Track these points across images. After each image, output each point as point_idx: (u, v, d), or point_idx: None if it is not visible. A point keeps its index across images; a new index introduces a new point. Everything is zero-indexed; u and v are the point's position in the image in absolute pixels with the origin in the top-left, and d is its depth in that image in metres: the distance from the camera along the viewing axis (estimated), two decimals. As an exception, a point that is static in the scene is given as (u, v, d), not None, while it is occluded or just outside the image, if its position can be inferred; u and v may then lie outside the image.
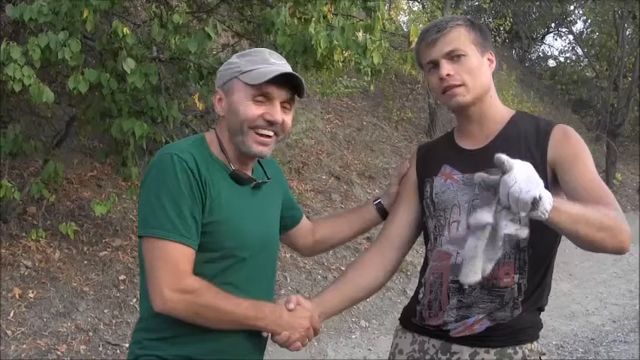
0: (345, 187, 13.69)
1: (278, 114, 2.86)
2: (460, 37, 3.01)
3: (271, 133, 2.89)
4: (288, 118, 2.94)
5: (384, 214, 3.50)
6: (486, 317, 2.94)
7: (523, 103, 19.93)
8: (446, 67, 2.99)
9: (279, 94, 2.87)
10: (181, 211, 2.70)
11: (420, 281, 3.24)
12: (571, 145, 2.93)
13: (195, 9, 9.55)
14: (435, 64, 3.04)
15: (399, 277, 11.02)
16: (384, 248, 3.36)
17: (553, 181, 2.92)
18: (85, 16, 6.22)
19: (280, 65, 2.91)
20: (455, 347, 3.02)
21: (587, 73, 28.69)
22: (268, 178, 3.13)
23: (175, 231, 2.69)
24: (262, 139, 2.87)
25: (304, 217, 3.55)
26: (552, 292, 3.00)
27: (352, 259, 11.41)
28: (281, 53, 6.89)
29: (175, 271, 2.69)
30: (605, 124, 23.03)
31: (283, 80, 2.86)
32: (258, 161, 3.16)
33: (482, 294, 2.95)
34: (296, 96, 2.98)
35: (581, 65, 29.67)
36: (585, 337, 9.69)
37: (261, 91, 2.83)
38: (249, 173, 3.01)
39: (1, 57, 6.11)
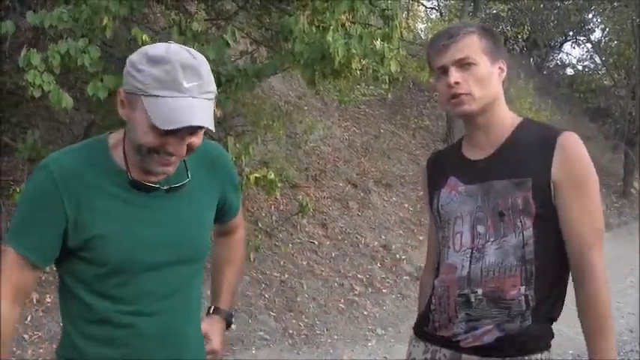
0: (362, 194, 13.70)
1: (183, 151, 2.50)
2: (472, 45, 2.97)
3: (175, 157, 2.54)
4: (196, 140, 2.53)
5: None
6: (495, 328, 2.94)
7: (540, 112, 19.86)
8: (454, 75, 2.94)
9: (184, 131, 2.46)
10: (29, 223, 2.58)
11: (431, 291, 3.24)
12: (573, 166, 2.88)
13: (214, 16, 9.59)
14: (445, 71, 2.99)
15: (414, 285, 11.02)
16: (432, 273, 3.39)
17: (557, 194, 2.91)
18: (104, 23, 6.26)
19: (193, 92, 2.43)
20: (465, 357, 3.01)
21: (605, 82, 28.64)
22: (188, 178, 2.74)
23: (17, 240, 2.59)
24: (166, 161, 2.53)
25: (234, 222, 3.22)
26: (569, 300, 3.00)
27: (369, 267, 11.44)
28: (299, 61, 6.93)
29: (2, 282, 2.58)
30: (623, 133, 22.99)
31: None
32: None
33: (489, 307, 2.94)
34: None
35: (599, 73, 29.62)
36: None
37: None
38: (164, 175, 2.66)
39: (21, 63, 6.15)
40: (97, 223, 2.57)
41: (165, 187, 2.68)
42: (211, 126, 2.45)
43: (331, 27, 6.76)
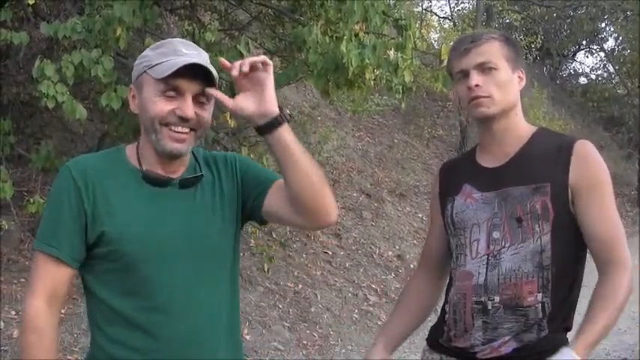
0: (375, 204, 13.69)
1: (189, 109, 2.64)
2: (493, 51, 3.00)
3: (186, 130, 2.67)
4: (203, 113, 2.70)
5: None
6: (513, 339, 2.92)
7: (554, 121, 19.88)
8: (475, 78, 2.96)
9: (189, 87, 2.64)
10: (56, 222, 2.68)
11: (445, 300, 3.24)
12: (590, 171, 2.92)
13: (228, 26, 9.60)
14: (465, 74, 3.01)
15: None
16: (427, 274, 3.43)
17: (575, 198, 2.93)
18: (117, 34, 6.27)
19: (191, 55, 2.68)
20: None
21: (618, 91, 28.66)
22: (201, 175, 2.83)
23: (45, 240, 2.68)
24: (177, 135, 2.66)
25: (270, 191, 2.87)
26: (584, 310, 2.99)
27: (383, 277, 11.41)
28: (312, 71, 6.92)
29: (35, 285, 2.69)
30: (637, 142, 22.95)
31: (193, 72, 2.63)
32: (196, 159, 2.90)
33: (506, 314, 2.93)
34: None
35: (612, 82, 29.65)
36: (618, 357, 9.59)
37: (170, 85, 2.63)
38: (178, 173, 2.80)
39: (35, 74, 6.16)
40: (111, 216, 2.65)
41: (177, 179, 2.78)
42: (213, 71, 2.66)
43: (345, 37, 6.74)
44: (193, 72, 2.63)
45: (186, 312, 2.73)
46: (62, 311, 7.40)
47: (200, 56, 2.70)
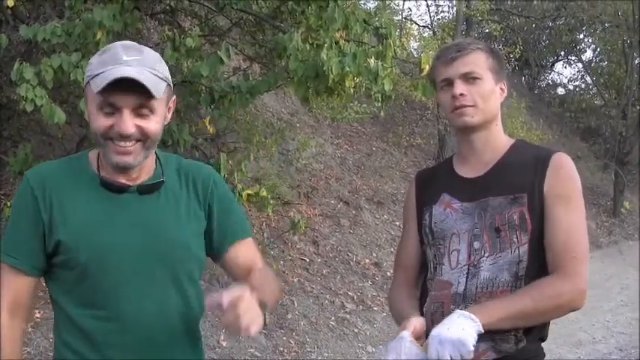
0: (353, 212, 13.69)
1: (126, 125, 2.51)
2: (478, 61, 3.04)
3: (130, 144, 2.56)
4: (148, 124, 2.57)
5: None
6: (491, 349, 2.88)
7: (532, 131, 19.94)
8: (460, 87, 2.99)
9: (126, 101, 2.51)
10: (15, 232, 2.69)
11: (420, 312, 3.15)
12: (561, 181, 2.94)
13: (208, 32, 9.58)
14: (449, 83, 3.04)
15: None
16: (406, 288, 3.35)
17: (546, 208, 2.94)
18: (97, 38, 6.24)
19: (130, 63, 2.53)
20: None
21: (595, 102, 28.75)
22: (162, 181, 2.75)
23: (5, 251, 2.69)
24: (121, 149, 2.56)
25: (237, 245, 2.97)
26: (559, 319, 2.99)
27: (360, 285, 11.41)
28: (292, 78, 6.91)
29: None
30: (614, 153, 23.02)
31: (127, 85, 2.48)
32: (162, 164, 2.81)
33: None
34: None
35: (590, 93, 29.75)
36: (592, 365, 9.65)
37: (106, 101, 2.51)
38: (139, 180, 2.72)
39: (13, 77, 6.12)
40: (66, 225, 2.63)
41: (135, 185, 2.72)
42: (146, 82, 2.51)
43: (325, 45, 6.75)
44: (127, 85, 2.49)
45: (140, 322, 2.69)
46: (37, 316, 7.39)
47: (142, 62, 2.57)
